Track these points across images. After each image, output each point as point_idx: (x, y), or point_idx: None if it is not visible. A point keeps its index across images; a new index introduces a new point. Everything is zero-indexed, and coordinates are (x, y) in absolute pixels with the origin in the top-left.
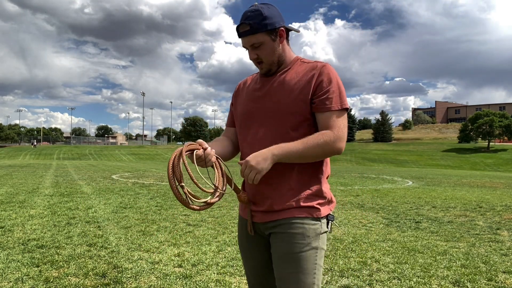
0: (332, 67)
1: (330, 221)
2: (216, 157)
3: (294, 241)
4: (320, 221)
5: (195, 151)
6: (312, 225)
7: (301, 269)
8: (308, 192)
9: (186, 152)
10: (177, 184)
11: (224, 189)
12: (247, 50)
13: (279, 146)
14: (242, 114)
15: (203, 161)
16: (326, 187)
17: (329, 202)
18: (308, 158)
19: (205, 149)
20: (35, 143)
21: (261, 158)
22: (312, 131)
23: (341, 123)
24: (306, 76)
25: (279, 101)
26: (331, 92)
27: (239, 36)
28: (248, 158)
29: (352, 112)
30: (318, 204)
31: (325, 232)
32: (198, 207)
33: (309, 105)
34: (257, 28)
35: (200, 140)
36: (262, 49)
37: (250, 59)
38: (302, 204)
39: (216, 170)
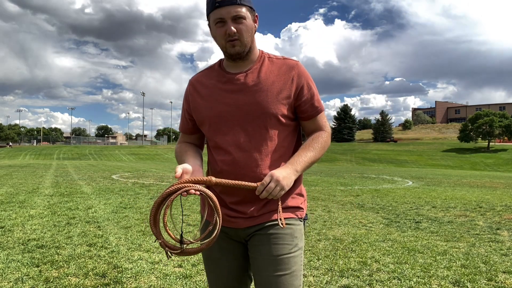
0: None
1: (305, 220)
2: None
3: (283, 243)
4: (303, 221)
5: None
6: (298, 225)
7: (290, 271)
8: (293, 191)
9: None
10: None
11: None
12: (219, 24)
13: (295, 160)
14: (213, 117)
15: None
16: (302, 184)
17: (305, 199)
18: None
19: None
20: (10, 144)
21: (287, 174)
22: (294, 136)
23: (326, 119)
24: (284, 77)
25: (260, 102)
26: (316, 94)
27: (220, 4)
28: (275, 173)
29: (352, 112)
30: (302, 203)
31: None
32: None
33: (291, 108)
34: (245, 0)
35: (185, 167)
36: (244, 25)
37: (227, 33)
38: (289, 204)
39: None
